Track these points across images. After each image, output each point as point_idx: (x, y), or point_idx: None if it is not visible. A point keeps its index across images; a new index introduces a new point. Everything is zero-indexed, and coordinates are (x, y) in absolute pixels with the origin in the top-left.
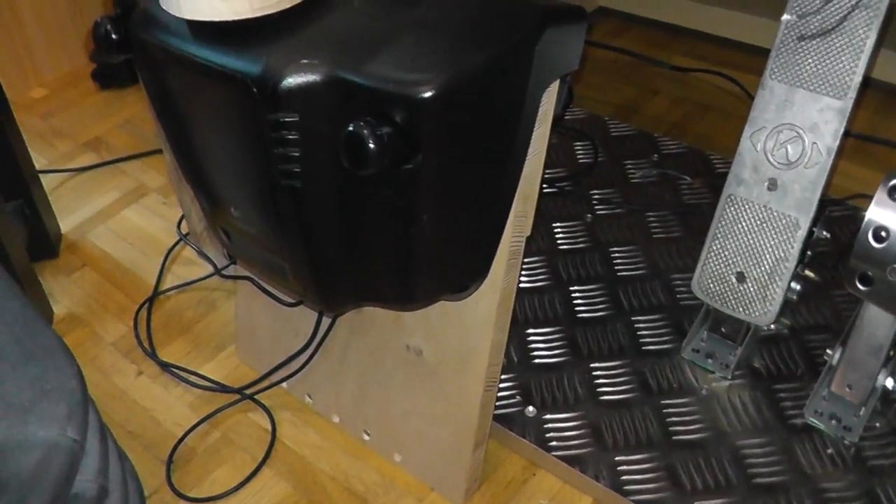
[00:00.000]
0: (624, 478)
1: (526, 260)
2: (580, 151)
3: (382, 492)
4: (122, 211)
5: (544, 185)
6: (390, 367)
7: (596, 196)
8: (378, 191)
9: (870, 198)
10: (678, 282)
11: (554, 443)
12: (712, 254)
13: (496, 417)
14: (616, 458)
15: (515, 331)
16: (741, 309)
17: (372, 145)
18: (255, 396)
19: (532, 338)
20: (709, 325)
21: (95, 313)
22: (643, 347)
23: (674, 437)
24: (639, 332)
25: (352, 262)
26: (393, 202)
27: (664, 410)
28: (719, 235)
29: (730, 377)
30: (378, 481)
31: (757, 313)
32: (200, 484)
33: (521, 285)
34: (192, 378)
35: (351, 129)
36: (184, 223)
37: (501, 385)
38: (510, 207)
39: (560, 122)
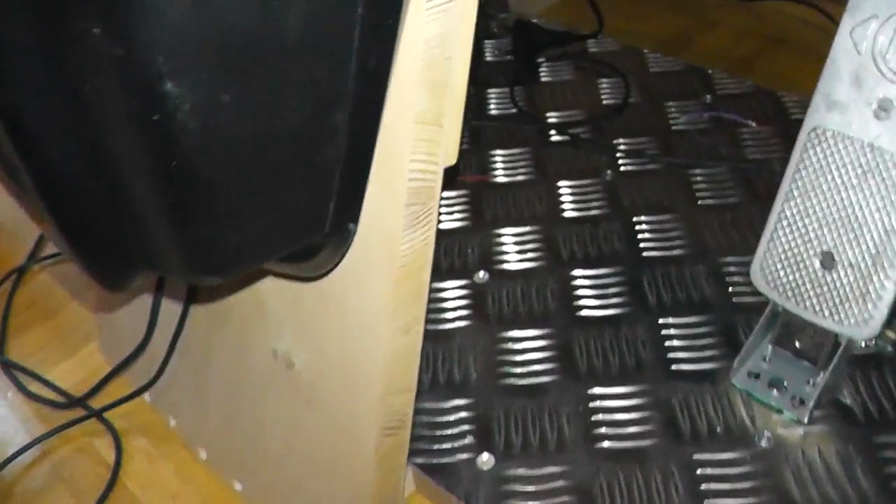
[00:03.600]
0: None
1: (511, 229)
2: (606, 90)
3: None
4: None
5: (551, 132)
6: (259, 383)
7: (622, 147)
8: (96, 46)
9: None
10: (732, 268)
11: None
12: (784, 223)
13: (430, 468)
14: None
15: (480, 332)
16: (827, 311)
17: None
18: (105, 414)
19: (505, 345)
20: (775, 337)
21: None
22: (672, 367)
23: None
24: (667, 343)
25: (97, 193)
26: (121, 66)
27: (699, 471)
28: (796, 194)
29: (806, 419)
30: None
31: (852, 319)
32: None
33: (499, 265)
34: (33, 385)
35: None
36: None
37: (447, 417)
38: (383, 91)
39: (582, 55)
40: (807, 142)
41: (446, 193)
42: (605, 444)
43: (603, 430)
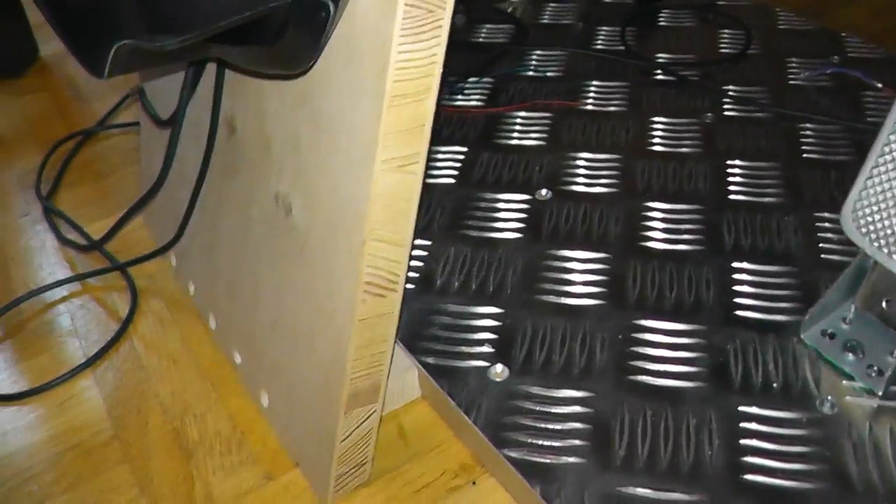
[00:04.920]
0: None
1: (587, 154)
2: (726, 41)
3: (221, 450)
4: None
5: (657, 71)
6: (259, 237)
7: (731, 93)
8: None
9: None
10: (827, 224)
11: (521, 436)
12: (889, 157)
13: (437, 369)
14: (621, 490)
15: (528, 246)
16: None
17: None
18: (132, 275)
19: (551, 262)
20: (861, 297)
21: (24, 140)
22: (735, 312)
23: (745, 479)
24: (736, 288)
25: None
26: None
27: (742, 424)
28: None
29: (881, 391)
30: (225, 432)
31: None
32: (1, 373)
33: (566, 186)
34: (64, 229)
35: None
36: None
37: (470, 322)
38: None
39: (709, 8)
40: None
41: (523, 114)
42: (639, 377)
43: (639, 363)
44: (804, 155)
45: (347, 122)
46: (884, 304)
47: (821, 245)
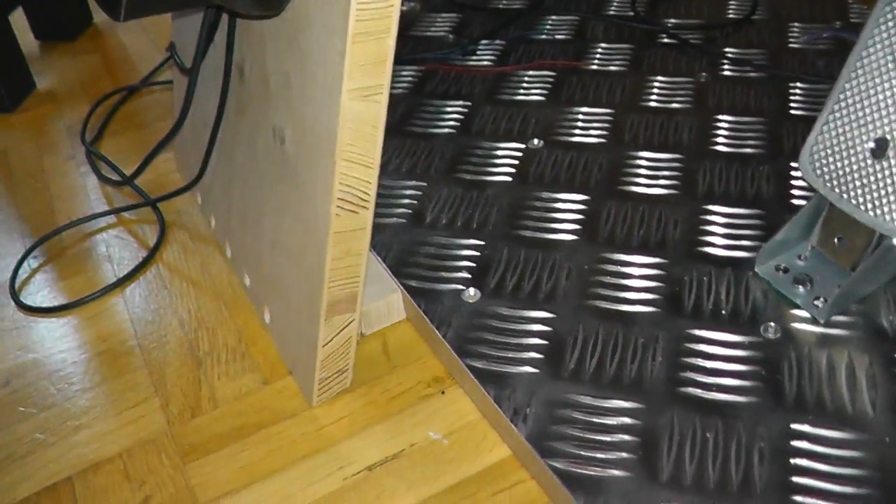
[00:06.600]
0: (556, 428)
1: (582, 108)
2: (734, 6)
3: (227, 359)
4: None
5: (662, 35)
6: (262, 166)
7: (730, 55)
8: None
9: None
10: (801, 172)
11: (483, 349)
12: (843, 103)
13: (415, 290)
14: (566, 396)
15: (514, 188)
16: (869, 204)
17: None
18: (159, 205)
19: (532, 202)
20: (818, 234)
21: (74, 94)
22: (698, 248)
23: (681, 390)
24: (703, 227)
25: None
26: None
27: (686, 344)
28: (860, 73)
29: (823, 319)
30: (232, 344)
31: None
32: (43, 290)
33: (557, 137)
34: (105, 171)
35: None
36: None
37: (452, 252)
38: None
39: None
40: (881, 16)
41: (528, 72)
42: (597, 302)
43: (599, 290)
44: (791, 111)
45: (323, 57)
46: (835, 242)
47: (792, 192)
